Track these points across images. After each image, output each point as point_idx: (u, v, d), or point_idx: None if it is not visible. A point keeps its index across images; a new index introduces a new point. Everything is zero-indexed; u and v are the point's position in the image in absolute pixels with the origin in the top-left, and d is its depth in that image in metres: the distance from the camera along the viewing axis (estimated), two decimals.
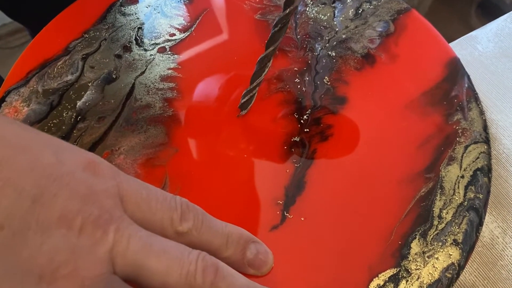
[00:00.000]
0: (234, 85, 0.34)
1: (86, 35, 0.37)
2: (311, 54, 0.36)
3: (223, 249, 0.23)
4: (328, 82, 0.35)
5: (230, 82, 0.30)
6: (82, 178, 0.21)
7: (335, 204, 0.29)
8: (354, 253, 0.27)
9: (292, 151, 0.31)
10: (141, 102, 0.33)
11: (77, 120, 0.32)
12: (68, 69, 0.34)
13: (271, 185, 0.29)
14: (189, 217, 0.23)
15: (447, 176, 0.30)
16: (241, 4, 0.38)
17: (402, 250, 0.27)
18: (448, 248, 0.26)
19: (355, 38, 0.37)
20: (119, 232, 0.20)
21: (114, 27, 0.37)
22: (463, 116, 0.33)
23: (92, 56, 0.35)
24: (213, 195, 0.29)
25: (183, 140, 0.31)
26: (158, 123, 0.32)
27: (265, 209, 0.28)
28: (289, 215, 0.28)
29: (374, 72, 0.35)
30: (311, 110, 0.33)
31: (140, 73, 0.35)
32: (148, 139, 0.31)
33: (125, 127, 0.32)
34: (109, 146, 0.31)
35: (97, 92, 0.33)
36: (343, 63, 0.36)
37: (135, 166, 0.30)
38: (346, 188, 0.29)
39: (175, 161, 0.30)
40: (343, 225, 0.28)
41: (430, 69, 0.35)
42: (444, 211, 0.28)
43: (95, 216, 0.20)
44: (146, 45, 0.36)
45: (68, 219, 0.18)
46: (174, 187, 0.29)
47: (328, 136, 0.32)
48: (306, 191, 0.29)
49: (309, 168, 0.30)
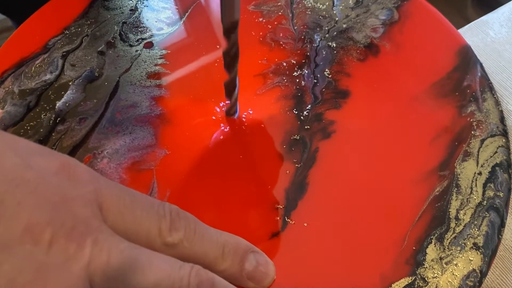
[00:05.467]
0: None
1: (67, 31, 0.35)
2: (310, 46, 0.34)
3: (219, 261, 0.22)
4: (329, 75, 0.33)
5: (223, 78, 0.28)
6: (54, 183, 0.18)
7: (341, 207, 0.27)
8: (364, 261, 0.25)
9: (292, 151, 0.30)
10: (126, 101, 0.32)
11: (56, 122, 0.31)
12: (47, 67, 0.33)
13: (270, 188, 0.28)
14: (179, 226, 0.21)
15: (463, 173, 0.28)
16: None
17: (417, 257, 0.25)
18: (468, 253, 0.25)
19: (357, 27, 0.35)
20: (98, 245, 0.18)
21: (97, 22, 0.36)
22: (478, 108, 0.31)
23: (73, 54, 0.34)
24: (206, 201, 0.28)
25: (172, 141, 0.30)
26: (145, 123, 0.31)
27: (264, 215, 0.27)
28: (291, 221, 0.27)
29: (378, 63, 0.33)
30: (312, 106, 0.31)
31: (125, 70, 0.33)
32: (134, 141, 0.30)
33: (109, 129, 0.30)
34: (91, 150, 0.29)
35: (78, 92, 0.32)
36: (344, 54, 0.34)
37: (119, 170, 0.29)
38: (352, 189, 0.28)
39: (163, 164, 0.29)
40: (350, 230, 0.26)
41: (440, 58, 0.34)
42: (462, 212, 0.27)
43: (68, 227, 0.17)
44: (132, 40, 0.35)
45: (35, 232, 0.16)
46: (162, 192, 0.28)
47: (331, 133, 0.30)
48: (308, 193, 0.28)
49: (311, 169, 0.29)
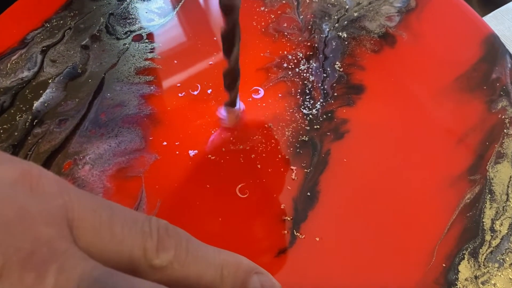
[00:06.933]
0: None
1: (48, 24, 0.33)
2: (317, 37, 0.32)
3: (216, 285, 0.19)
4: (340, 68, 0.31)
5: (219, 73, 0.25)
6: (10, 197, 0.15)
7: (357, 219, 0.25)
8: (386, 281, 0.23)
9: (300, 154, 0.27)
10: (112, 100, 0.29)
11: (33, 124, 0.28)
12: (25, 64, 0.31)
13: (276, 197, 0.26)
14: (168, 244, 0.18)
15: (496, 177, 0.26)
16: None
17: (448, 275, 0.23)
18: (508, 271, 0.23)
19: (370, 16, 0.33)
20: (64, 273, 0.15)
21: (81, 13, 0.34)
22: (510, 103, 0.29)
23: (54, 48, 0.32)
24: (202, 213, 0.25)
25: (164, 144, 0.28)
26: (132, 124, 0.28)
27: (270, 228, 0.25)
28: (300, 235, 0.24)
29: (395, 55, 0.31)
30: (322, 103, 0.29)
31: (111, 66, 0.31)
32: (121, 144, 0.28)
33: (92, 131, 0.28)
34: (71, 155, 0.27)
35: (59, 90, 0.30)
36: (357, 45, 0.32)
37: (103, 178, 0.26)
38: (369, 197, 0.26)
39: (154, 171, 0.27)
40: (369, 246, 0.24)
41: (463, 49, 0.31)
42: (498, 223, 0.24)
43: (26, 252, 0.14)
44: (119, 33, 0.33)
45: None
46: (152, 203, 0.26)
47: (344, 134, 0.28)
48: (319, 203, 0.25)
49: (322, 174, 0.26)
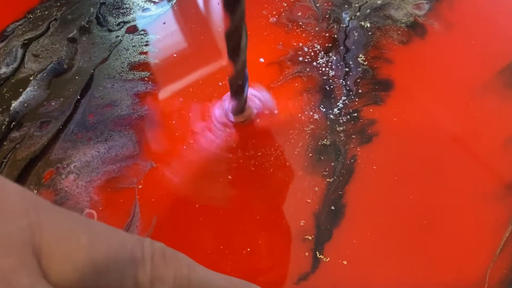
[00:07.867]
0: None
1: (30, 15, 0.32)
2: (337, 27, 0.31)
3: None
4: (364, 62, 0.29)
5: (224, 68, 0.24)
6: None
7: (391, 238, 0.23)
8: None
9: (321, 160, 0.25)
10: (102, 99, 0.28)
11: (10, 127, 0.27)
12: (3, 59, 0.30)
13: (294, 212, 0.24)
14: (166, 273, 0.16)
15: None
16: None
17: None
18: None
19: (395, 3, 0.32)
20: None
21: (68, 3, 0.33)
22: None
23: (37, 42, 0.31)
24: (206, 232, 0.23)
25: (161, 150, 0.26)
26: (125, 127, 0.27)
27: (288, 250, 0.23)
28: (324, 258, 0.22)
29: (426, 46, 0.30)
30: (344, 101, 0.27)
31: (102, 61, 0.30)
32: (111, 150, 0.26)
33: (78, 135, 0.27)
34: (53, 163, 0.25)
35: (41, 88, 0.28)
36: (382, 36, 0.31)
37: (90, 190, 0.24)
38: (404, 212, 0.24)
39: (149, 181, 0.25)
40: (406, 270, 0.22)
41: (504, 39, 0.29)
42: None
43: None
44: (111, 24, 0.32)
45: None
46: (147, 219, 0.23)
47: (372, 136, 0.26)
48: (346, 219, 0.23)
49: (347, 184, 0.24)
